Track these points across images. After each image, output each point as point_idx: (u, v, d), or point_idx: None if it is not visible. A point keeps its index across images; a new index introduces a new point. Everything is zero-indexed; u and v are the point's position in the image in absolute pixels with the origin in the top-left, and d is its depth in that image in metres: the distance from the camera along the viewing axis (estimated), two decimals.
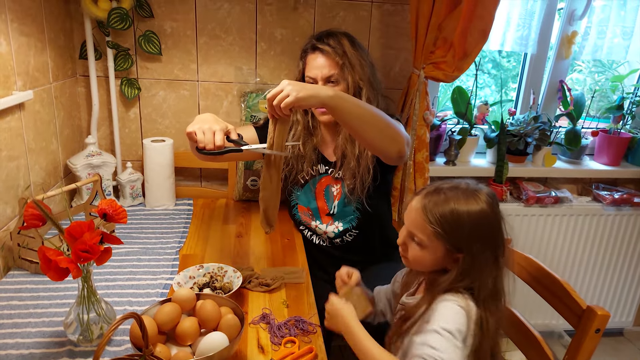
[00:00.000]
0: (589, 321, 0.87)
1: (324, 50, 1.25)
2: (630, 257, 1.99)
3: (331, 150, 1.37)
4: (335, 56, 1.24)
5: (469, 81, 1.88)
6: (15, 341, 0.90)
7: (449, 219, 0.81)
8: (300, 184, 1.39)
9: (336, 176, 1.36)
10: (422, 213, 0.84)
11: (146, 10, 1.51)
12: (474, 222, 0.81)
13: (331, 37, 1.28)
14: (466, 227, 0.81)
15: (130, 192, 1.56)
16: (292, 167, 1.37)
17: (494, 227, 0.83)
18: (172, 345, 0.84)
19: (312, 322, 1.01)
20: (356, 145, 1.28)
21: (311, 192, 1.39)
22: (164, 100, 1.63)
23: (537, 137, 1.82)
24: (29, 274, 1.12)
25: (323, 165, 1.38)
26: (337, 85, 1.26)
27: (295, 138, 1.34)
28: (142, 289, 1.10)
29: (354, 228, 1.37)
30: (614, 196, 1.87)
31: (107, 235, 0.84)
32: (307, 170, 1.37)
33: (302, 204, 1.41)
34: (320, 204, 1.39)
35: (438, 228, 0.82)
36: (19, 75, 1.19)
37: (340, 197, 1.36)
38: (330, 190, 1.38)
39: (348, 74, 1.25)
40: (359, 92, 1.27)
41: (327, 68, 1.25)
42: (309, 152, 1.35)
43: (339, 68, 1.24)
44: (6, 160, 1.14)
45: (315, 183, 1.38)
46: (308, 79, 1.28)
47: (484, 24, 1.48)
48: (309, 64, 1.28)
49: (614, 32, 1.79)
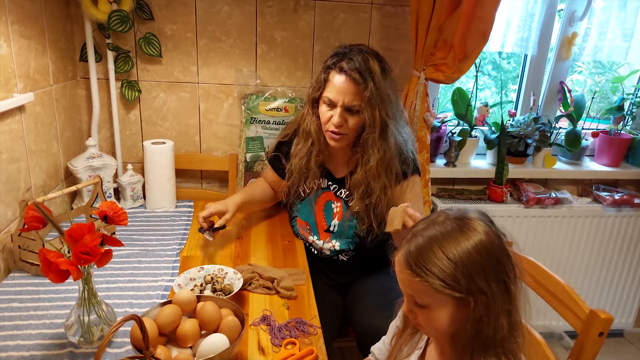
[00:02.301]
0: (592, 324, 0.86)
1: (351, 77, 1.14)
2: (630, 258, 1.98)
3: (339, 167, 1.33)
4: (364, 88, 1.13)
5: (469, 83, 1.89)
6: (16, 343, 0.90)
7: (440, 265, 0.67)
8: (301, 197, 1.36)
9: (339, 195, 1.32)
10: (408, 269, 0.70)
11: (146, 13, 1.51)
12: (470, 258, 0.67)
13: (361, 58, 1.15)
14: (462, 267, 0.67)
15: (131, 194, 1.56)
16: (295, 180, 1.33)
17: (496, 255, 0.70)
18: (173, 347, 0.84)
19: (313, 324, 1.01)
20: (382, 178, 1.21)
21: (311, 206, 1.36)
22: (165, 103, 1.63)
23: (537, 139, 1.82)
24: (30, 276, 1.12)
25: (326, 180, 1.34)
26: (356, 115, 1.17)
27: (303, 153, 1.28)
28: (143, 291, 1.10)
29: (351, 250, 1.35)
30: (614, 197, 1.87)
31: (107, 237, 0.84)
32: (309, 184, 1.32)
33: (302, 217, 1.39)
34: (319, 219, 1.36)
35: (433, 280, 0.67)
36: (20, 78, 1.19)
37: (342, 217, 1.32)
38: (331, 207, 1.34)
39: (375, 109, 1.15)
40: (385, 128, 1.18)
41: (351, 96, 1.15)
42: (313, 167, 1.29)
43: (365, 101, 1.14)
44: (7, 163, 1.14)
45: (316, 197, 1.35)
46: (326, 99, 1.19)
47: (484, 25, 1.48)
48: (332, 83, 1.18)
49: (614, 34, 1.79)
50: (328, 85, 1.19)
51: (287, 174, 1.34)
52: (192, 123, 1.67)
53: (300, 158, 1.28)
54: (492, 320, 0.68)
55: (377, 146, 1.19)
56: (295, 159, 1.30)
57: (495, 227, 0.73)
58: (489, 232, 0.70)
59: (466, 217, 0.72)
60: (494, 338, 0.69)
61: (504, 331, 0.69)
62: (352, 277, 1.39)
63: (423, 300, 0.70)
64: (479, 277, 0.67)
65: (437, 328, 0.73)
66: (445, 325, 0.71)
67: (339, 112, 1.17)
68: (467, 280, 0.67)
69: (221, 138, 1.70)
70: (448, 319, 0.70)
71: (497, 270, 0.69)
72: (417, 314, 0.73)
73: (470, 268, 0.67)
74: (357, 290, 1.35)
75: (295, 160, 1.29)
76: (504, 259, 0.71)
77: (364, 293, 1.32)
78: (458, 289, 0.67)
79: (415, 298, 0.72)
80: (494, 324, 0.68)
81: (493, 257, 0.69)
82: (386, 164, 1.21)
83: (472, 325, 0.69)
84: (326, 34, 1.63)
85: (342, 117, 1.17)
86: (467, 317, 0.70)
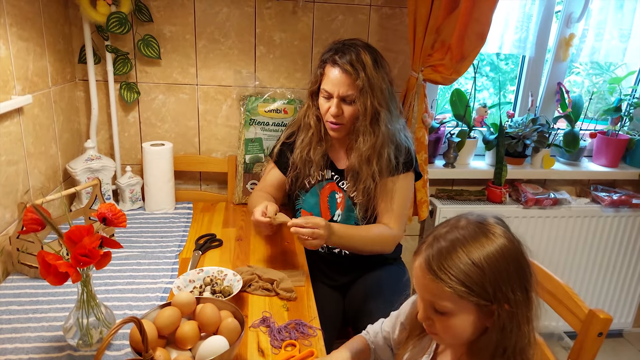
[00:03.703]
0: (591, 325, 0.86)
1: (344, 68, 1.21)
2: (629, 259, 1.99)
3: (341, 158, 1.37)
4: (355, 77, 1.20)
5: (467, 84, 1.89)
6: (14, 346, 0.89)
7: (466, 270, 0.65)
8: (305, 188, 1.39)
9: (341, 185, 1.35)
10: (430, 274, 0.67)
11: (145, 15, 1.51)
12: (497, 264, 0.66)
13: (353, 52, 1.21)
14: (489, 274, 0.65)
15: (130, 196, 1.56)
16: (300, 171, 1.36)
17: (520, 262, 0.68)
18: (172, 349, 0.84)
19: (313, 325, 1.01)
20: (373, 164, 1.26)
21: (316, 197, 1.38)
22: (163, 104, 1.63)
23: (535, 139, 1.83)
24: (28, 278, 1.12)
25: (330, 171, 1.37)
26: (352, 105, 1.24)
27: (305, 143, 1.33)
28: (142, 293, 1.09)
29: None
30: (612, 197, 1.88)
31: (106, 239, 0.84)
32: (314, 175, 1.36)
33: (306, 208, 1.41)
34: (324, 210, 1.38)
35: (458, 286, 0.65)
36: (18, 80, 1.19)
37: (344, 207, 1.36)
38: (335, 197, 1.37)
39: (367, 97, 1.21)
40: (377, 116, 1.25)
41: (345, 87, 1.21)
42: (318, 157, 1.33)
43: (358, 90, 1.21)
44: (5, 165, 1.14)
45: (320, 188, 1.38)
46: (324, 91, 1.26)
47: (481, 27, 1.49)
48: (327, 76, 1.25)
49: (611, 35, 1.80)
50: (324, 78, 1.26)
51: (290, 165, 1.37)
52: (191, 125, 1.67)
53: (303, 149, 1.33)
54: (515, 329, 0.66)
55: (368, 133, 1.25)
56: (298, 150, 1.35)
57: (512, 233, 0.71)
58: (511, 237, 0.69)
59: (486, 222, 0.70)
60: (514, 348, 0.67)
61: (525, 340, 0.67)
62: (353, 276, 1.39)
63: (444, 308, 0.68)
64: (505, 285, 0.65)
65: (455, 336, 0.70)
66: (464, 333, 0.69)
67: (336, 102, 1.24)
68: (493, 287, 0.65)
69: (220, 140, 1.70)
70: (469, 327, 0.68)
71: (521, 277, 0.67)
72: (435, 321, 0.70)
73: (497, 275, 0.65)
74: (358, 290, 1.36)
75: (298, 151, 1.34)
76: (525, 266, 0.69)
77: (365, 293, 1.32)
78: (484, 296, 0.65)
79: (435, 304, 0.69)
80: (517, 332, 0.66)
81: (516, 263, 0.67)
82: (377, 150, 1.26)
83: (494, 334, 0.67)
84: (325, 36, 1.63)
85: (338, 108, 1.24)
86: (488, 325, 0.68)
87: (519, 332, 0.67)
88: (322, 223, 1.15)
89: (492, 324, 0.67)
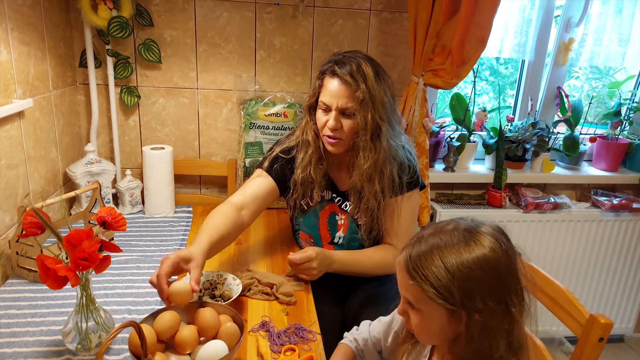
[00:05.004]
0: (592, 330, 0.86)
1: (344, 79, 1.14)
2: (629, 263, 1.98)
3: (342, 179, 1.31)
4: (355, 89, 1.13)
5: (467, 88, 1.89)
6: (13, 350, 0.89)
7: (437, 273, 0.66)
8: (304, 211, 1.33)
9: (343, 207, 1.31)
10: (406, 272, 0.69)
11: (146, 19, 1.52)
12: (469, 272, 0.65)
13: (354, 62, 1.15)
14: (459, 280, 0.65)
15: (130, 200, 1.55)
16: (300, 193, 1.29)
17: (499, 274, 0.67)
18: (171, 353, 0.84)
19: (312, 330, 1.00)
20: (375, 183, 1.20)
21: (315, 218, 1.34)
22: (164, 108, 1.64)
23: (535, 144, 1.83)
24: (28, 282, 1.12)
25: (330, 192, 1.31)
26: (351, 118, 1.16)
27: (305, 162, 1.26)
28: (141, 297, 1.09)
29: None
30: (612, 202, 1.87)
31: (106, 243, 0.84)
32: (314, 196, 1.29)
33: (304, 231, 1.36)
34: (323, 232, 1.34)
35: (427, 287, 0.66)
36: (19, 84, 1.20)
37: (347, 229, 1.31)
38: (335, 219, 1.32)
39: (367, 111, 1.14)
40: (378, 131, 1.17)
41: (345, 99, 1.14)
42: (319, 178, 1.26)
43: (358, 103, 1.14)
44: (5, 169, 1.14)
45: (320, 209, 1.33)
46: (322, 104, 1.18)
47: (482, 31, 1.49)
48: (325, 87, 1.18)
49: (610, 39, 1.80)
50: (323, 90, 1.19)
51: (291, 186, 1.30)
52: (191, 128, 1.67)
53: (304, 168, 1.26)
54: (487, 340, 0.66)
55: (369, 149, 1.18)
56: (298, 170, 1.27)
57: (509, 245, 0.70)
58: (497, 248, 0.67)
59: (476, 230, 0.69)
60: (491, 357, 0.67)
61: (500, 351, 0.66)
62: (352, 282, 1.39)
63: (416, 305, 0.71)
64: (475, 294, 0.65)
65: (428, 334, 0.73)
66: (436, 333, 0.71)
67: (334, 115, 1.17)
68: (461, 294, 0.65)
69: (220, 143, 1.70)
70: (438, 327, 0.70)
71: (500, 289, 0.67)
72: (411, 315, 0.73)
73: (467, 282, 0.65)
74: (357, 296, 1.35)
75: (299, 171, 1.27)
76: (509, 279, 0.68)
77: (364, 300, 1.31)
78: (451, 301, 0.66)
79: (408, 300, 0.72)
80: (489, 343, 0.66)
81: (496, 275, 0.66)
82: (379, 167, 1.20)
83: (467, 341, 0.67)
84: (325, 40, 1.64)
85: (337, 121, 1.17)
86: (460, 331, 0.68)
87: (492, 344, 0.66)
88: (313, 255, 1.14)
89: (465, 330, 0.67)
